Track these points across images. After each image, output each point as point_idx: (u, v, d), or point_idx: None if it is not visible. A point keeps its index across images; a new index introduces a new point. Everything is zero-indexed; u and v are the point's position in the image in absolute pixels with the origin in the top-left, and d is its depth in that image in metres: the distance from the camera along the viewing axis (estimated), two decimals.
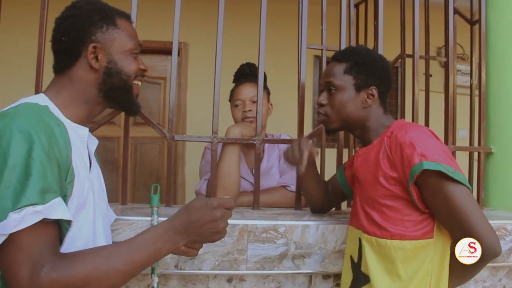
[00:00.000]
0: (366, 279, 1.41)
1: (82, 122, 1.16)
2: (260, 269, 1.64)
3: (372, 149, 1.46)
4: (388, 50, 2.16)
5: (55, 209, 0.90)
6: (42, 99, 1.08)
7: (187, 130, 4.15)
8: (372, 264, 1.38)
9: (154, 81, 4.14)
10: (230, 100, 2.19)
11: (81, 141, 1.14)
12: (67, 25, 1.13)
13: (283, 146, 2.19)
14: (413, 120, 2.15)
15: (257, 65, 2.00)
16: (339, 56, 1.51)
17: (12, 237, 0.86)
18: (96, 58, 1.13)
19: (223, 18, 1.94)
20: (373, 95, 1.47)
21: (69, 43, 1.13)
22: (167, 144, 1.89)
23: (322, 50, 2.23)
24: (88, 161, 1.17)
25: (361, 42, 3.58)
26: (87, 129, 1.16)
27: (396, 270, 1.32)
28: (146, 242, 1.00)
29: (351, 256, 1.53)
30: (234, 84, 2.22)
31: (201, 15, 3.81)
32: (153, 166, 4.26)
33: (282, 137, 2.19)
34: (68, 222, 0.99)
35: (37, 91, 1.70)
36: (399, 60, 2.79)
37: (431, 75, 3.31)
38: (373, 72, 1.47)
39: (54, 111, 1.07)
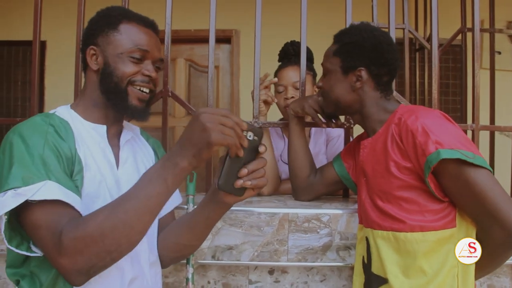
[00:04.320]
0: (379, 281, 1.28)
1: (103, 122, 1.20)
2: (302, 261, 1.55)
3: (378, 138, 1.34)
4: (447, 25, 1.98)
5: (40, 191, 0.93)
6: (55, 109, 1.18)
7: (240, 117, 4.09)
8: (390, 264, 1.26)
9: (206, 70, 4.07)
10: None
11: (102, 138, 1.18)
12: (84, 31, 1.23)
13: (331, 130, 2.08)
14: (473, 103, 1.96)
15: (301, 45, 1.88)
16: (335, 37, 1.44)
17: (30, 221, 0.94)
18: (97, 60, 1.19)
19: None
20: (361, 77, 1.36)
21: (82, 47, 1.23)
22: None
23: None
24: (112, 157, 1.18)
25: (411, 17, 3.37)
26: (104, 127, 1.19)
27: (420, 266, 1.20)
28: (148, 174, 0.94)
29: (363, 257, 1.41)
30: (279, 64, 2.11)
31: (252, 1, 3.72)
32: None
33: None
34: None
35: (76, 94, 1.84)
36: (460, 36, 2.58)
37: (499, 53, 3.05)
38: (361, 52, 1.36)
39: (65, 114, 1.16)
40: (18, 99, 4.42)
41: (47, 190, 0.94)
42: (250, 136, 0.94)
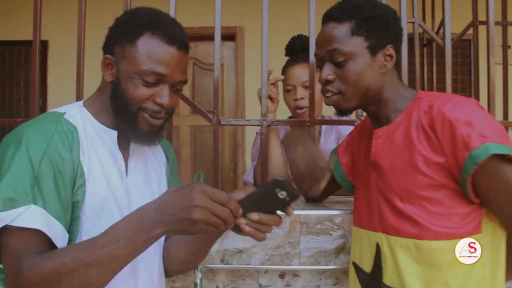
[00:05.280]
0: None
1: (114, 127, 1.09)
2: (314, 264, 1.49)
3: (397, 127, 1.17)
4: (454, 18, 1.92)
5: (20, 217, 0.88)
6: (67, 108, 1.08)
7: (246, 116, 4.04)
8: (410, 276, 1.11)
9: (211, 67, 4.01)
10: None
11: (113, 143, 1.08)
12: (108, 32, 1.08)
13: (342, 128, 2.02)
14: (488, 100, 1.89)
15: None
16: (338, 14, 1.16)
17: (3, 241, 0.90)
18: (111, 71, 1.06)
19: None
20: (391, 56, 1.17)
21: (103, 48, 1.09)
22: (213, 129, 1.77)
23: None
24: (122, 164, 1.09)
25: (418, 10, 3.31)
26: (116, 132, 1.09)
27: (444, 278, 1.07)
28: (117, 232, 0.88)
29: (355, 264, 1.28)
30: (287, 59, 2.02)
31: None
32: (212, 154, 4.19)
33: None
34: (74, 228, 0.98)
35: (78, 93, 1.78)
36: (471, 29, 2.52)
37: (509, 47, 2.98)
38: (387, 27, 1.16)
39: (76, 116, 1.05)
40: (20, 99, 4.39)
41: (29, 217, 0.88)
42: (282, 195, 0.88)
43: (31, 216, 0.89)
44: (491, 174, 1.03)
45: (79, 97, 1.75)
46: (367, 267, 1.22)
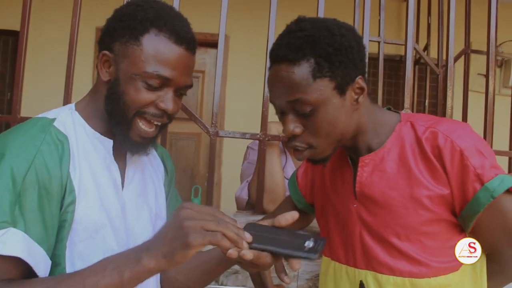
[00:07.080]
0: None
1: (109, 135, 0.99)
2: None
3: (386, 154, 1.04)
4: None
5: None
6: (57, 112, 0.97)
7: (225, 126, 3.96)
8: None
9: (195, 74, 3.96)
10: None
11: (108, 153, 0.98)
12: (105, 24, 0.98)
13: None
14: (485, 127, 1.89)
15: None
16: (291, 54, 0.94)
17: None
18: (108, 70, 0.96)
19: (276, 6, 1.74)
20: (362, 88, 1.00)
21: (99, 41, 0.99)
22: (210, 140, 1.70)
23: (379, 42, 2.05)
24: (118, 176, 0.99)
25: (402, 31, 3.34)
26: (111, 141, 0.99)
27: None
28: (106, 261, 0.79)
29: None
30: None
31: (243, 6, 3.63)
32: (188, 163, 4.09)
33: None
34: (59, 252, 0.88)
35: (66, 94, 1.69)
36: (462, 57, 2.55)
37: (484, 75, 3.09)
38: (352, 57, 0.97)
39: (67, 121, 0.95)
40: None
41: (6, 242, 0.78)
42: (307, 244, 0.79)
43: (10, 242, 0.78)
44: (503, 209, 0.97)
45: (67, 100, 1.65)
46: None
